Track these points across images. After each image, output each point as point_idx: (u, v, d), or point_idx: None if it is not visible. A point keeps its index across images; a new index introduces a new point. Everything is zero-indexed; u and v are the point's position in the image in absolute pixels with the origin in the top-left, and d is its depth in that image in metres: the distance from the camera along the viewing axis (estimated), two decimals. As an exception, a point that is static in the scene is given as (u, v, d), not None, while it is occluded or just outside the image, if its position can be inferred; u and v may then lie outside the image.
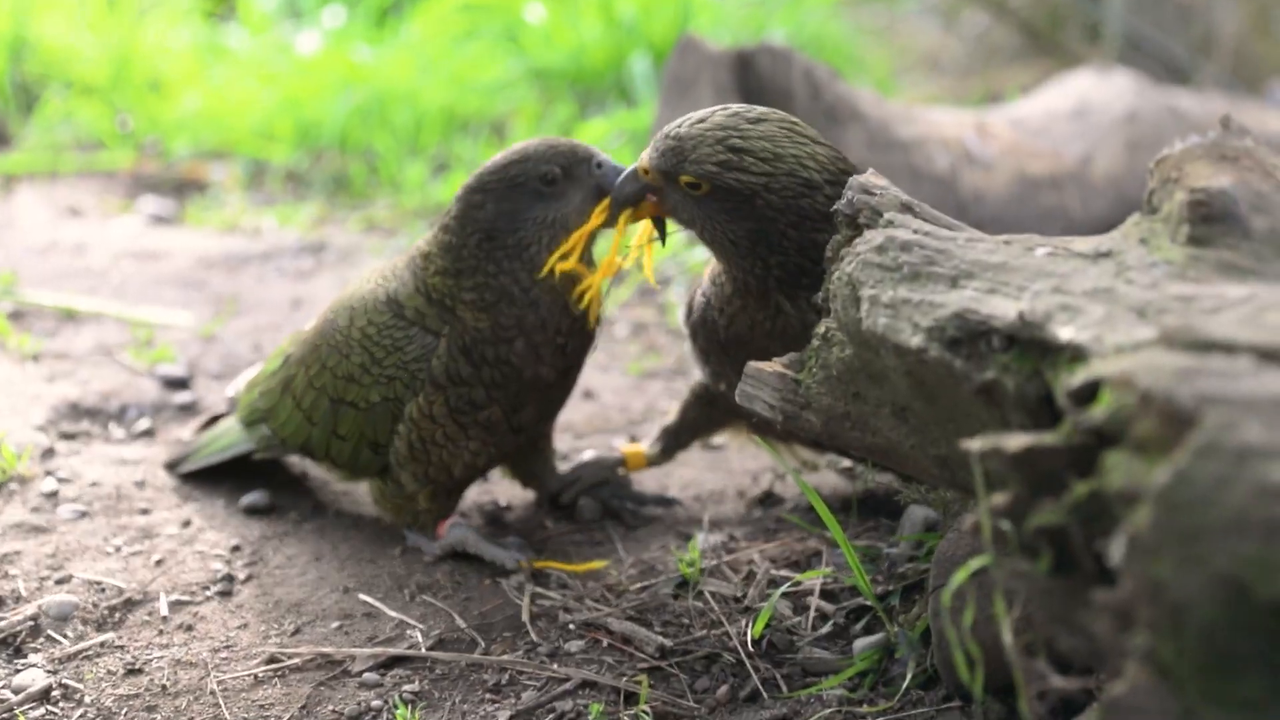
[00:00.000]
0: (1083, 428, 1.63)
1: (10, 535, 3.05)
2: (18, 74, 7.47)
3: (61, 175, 6.66)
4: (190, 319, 4.57)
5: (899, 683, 2.43)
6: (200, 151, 6.88)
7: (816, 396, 2.29)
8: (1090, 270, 1.93)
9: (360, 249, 5.45)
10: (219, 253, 5.43)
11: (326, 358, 2.95)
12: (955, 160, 4.80)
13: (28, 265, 5.12)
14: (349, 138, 6.70)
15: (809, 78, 4.50)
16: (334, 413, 2.95)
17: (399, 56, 7.30)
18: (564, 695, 2.44)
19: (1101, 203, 5.25)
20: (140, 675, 2.57)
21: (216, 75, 7.54)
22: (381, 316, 2.87)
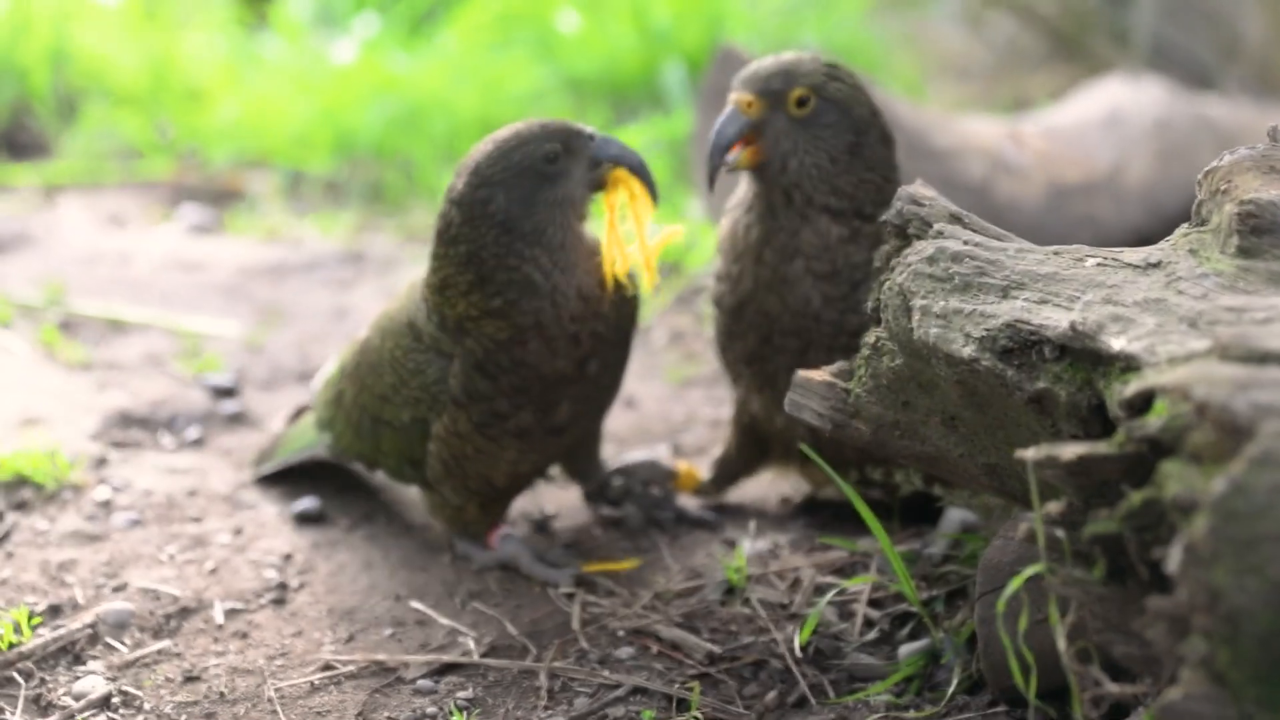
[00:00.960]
0: (1137, 437, 1.65)
1: (66, 543, 3.10)
2: (58, 84, 7.54)
3: (103, 185, 6.73)
4: (236, 328, 4.62)
5: (945, 688, 2.46)
6: (239, 160, 6.93)
7: (865, 405, 2.32)
8: (1141, 281, 1.96)
9: (400, 258, 5.49)
10: (261, 262, 5.48)
11: (365, 376, 3.00)
12: (990, 168, 4.82)
13: (74, 275, 5.18)
14: (385, 147, 6.74)
15: (847, 87, 4.52)
16: (375, 430, 3.00)
17: (433, 66, 7.34)
18: (616, 701, 2.47)
19: (1134, 211, 5.27)
20: (198, 682, 2.61)
21: (253, 84, 7.60)
22: (405, 340, 2.89)
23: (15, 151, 7.24)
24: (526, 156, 2.68)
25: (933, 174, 4.37)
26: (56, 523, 3.19)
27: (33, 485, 3.32)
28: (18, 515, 3.22)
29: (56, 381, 4.05)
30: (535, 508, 3.30)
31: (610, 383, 2.95)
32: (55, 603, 2.87)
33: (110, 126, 7.23)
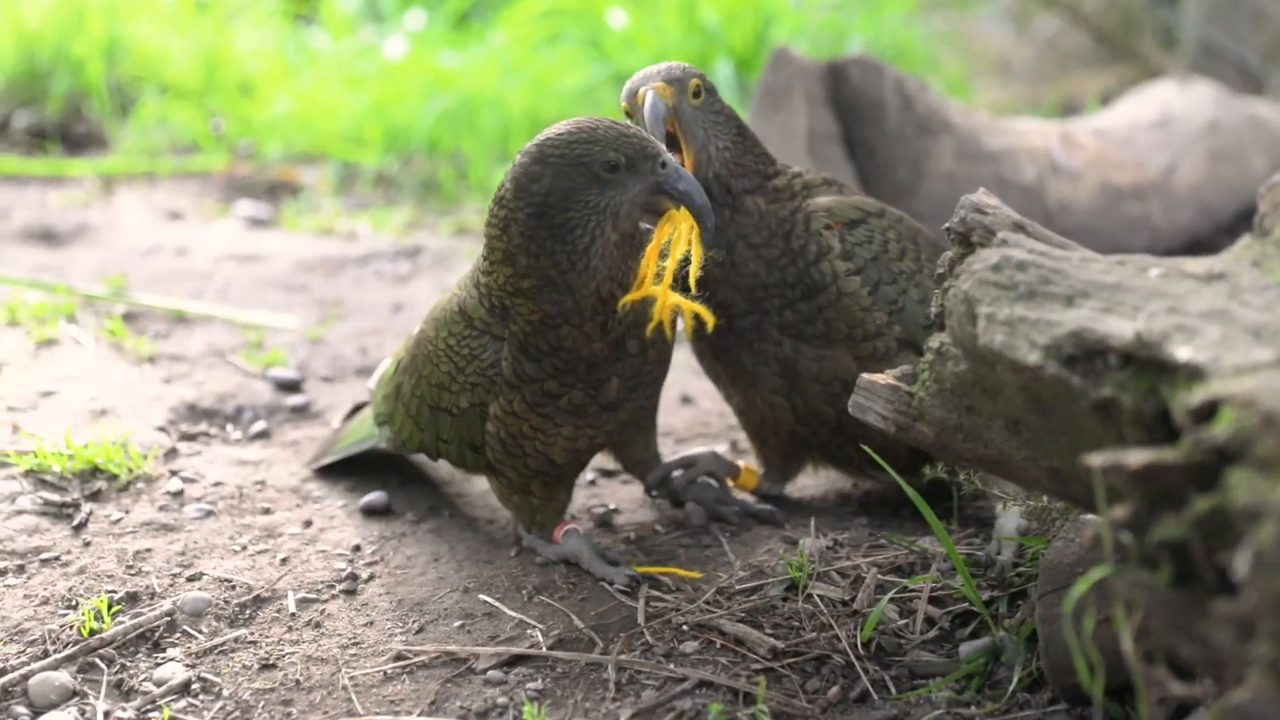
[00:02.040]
0: (1204, 446, 1.70)
1: (141, 533, 3.18)
2: (112, 77, 7.63)
3: (159, 178, 6.82)
4: (296, 322, 4.70)
5: (1005, 685, 2.51)
6: (291, 154, 7.02)
7: (929, 409, 2.37)
8: (1204, 292, 2.01)
9: (455, 253, 5.57)
10: (317, 256, 5.56)
11: (422, 367, 3.07)
12: (1042, 171, 4.87)
13: (134, 267, 5.27)
14: (437, 142, 6.82)
15: (900, 89, 4.58)
16: (435, 419, 3.06)
17: (483, 62, 7.41)
18: (682, 694, 2.53)
19: (1184, 213, 5.31)
20: (274, 670, 2.68)
21: (304, 78, 7.68)
22: (458, 327, 2.95)
23: (71, 143, 7.35)
24: (587, 154, 2.68)
25: (984, 176, 4.43)
26: (130, 513, 3.27)
27: (106, 475, 3.41)
28: (93, 505, 3.30)
29: (123, 373, 4.14)
30: (599, 503, 3.36)
31: (658, 357, 2.98)
32: (133, 591, 2.94)
33: (164, 120, 7.31)
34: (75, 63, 7.58)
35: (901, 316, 3.05)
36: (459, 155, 6.73)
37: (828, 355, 3.08)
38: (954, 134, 4.69)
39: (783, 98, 4.57)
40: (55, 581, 2.97)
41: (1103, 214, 4.97)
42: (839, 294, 3.05)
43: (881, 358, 3.04)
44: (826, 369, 3.08)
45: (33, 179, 6.78)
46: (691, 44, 7.01)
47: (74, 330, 4.45)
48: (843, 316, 3.05)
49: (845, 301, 3.04)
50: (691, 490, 3.26)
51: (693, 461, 3.28)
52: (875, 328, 3.05)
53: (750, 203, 3.08)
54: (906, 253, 3.10)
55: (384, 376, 3.36)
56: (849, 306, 3.04)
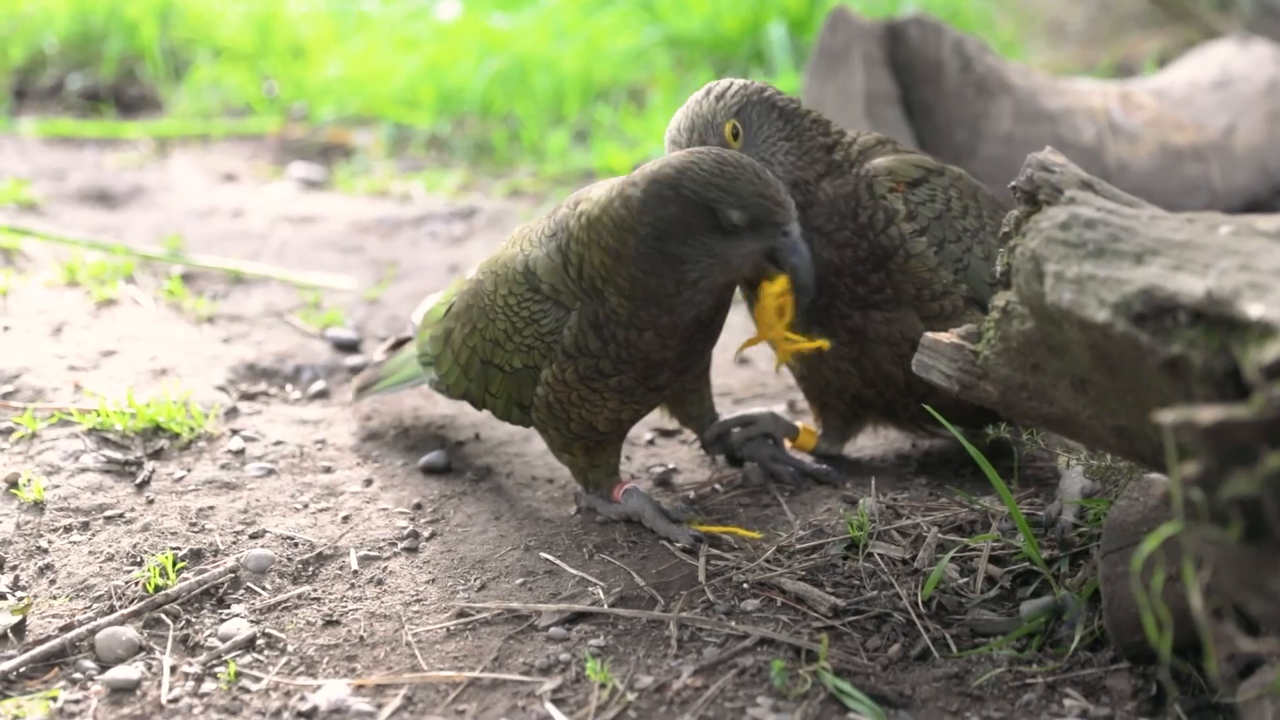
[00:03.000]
0: (1276, 402, 1.69)
1: (204, 491, 3.21)
2: (165, 40, 7.66)
3: (213, 140, 6.85)
4: (353, 283, 4.72)
5: (1067, 644, 2.52)
6: (344, 117, 7.03)
7: (994, 367, 2.37)
8: (1276, 249, 1.99)
9: (509, 214, 5.57)
10: (372, 217, 5.58)
11: (476, 319, 3.07)
12: (1100, 131, 4.83)
13: (190, 228, 5.30)
14: (490, 104, 6.82)
15: (959, 50, 4.55)
16: (484, 372, 3.07)
17: (536, 23, 7.40)
18: (744, 652, 2.54)
19: (1243, 174, 5.27)
20: (338, 626, 2.70)
21: (355, 42, 7.69)
22: (520, 288, 2.95)
23: (125, 106, 7.38)
24: (720, 200, 2.70)
25: (1043, 136, 4.41)
26: (193, 471, 3.30)
27: (168, 434, 3.44)
28: (155, 463, 3.32)
29: (183, 333, 4.16)
30: (658, 463, 3.37)
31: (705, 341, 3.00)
32: (196, 548, 2.97)
33: (217, 82, 7.33)
34: (129, 25, 7.61)
35: (967, 274, 3.04)
36: (512, 117, 6.73)
37: (896, 318, 3.07)
38: (1012, 95, 4.66)
39: (840, 59, 4.55)
40: (120, 539, 3.00)
41: (1161, 174, 4.93)
42: (906, 256, 3.04)
43: (949, 316, 3.03)
44: (895, 331, 3.08)
45: (88, 141, 6.81)
46: (744, 4, 6.98)
47: (133, 290, 4.48)
48: (910, 278, 3.04)
49: (913, 263, 3.03)
50: (748, 448, 3.26)
51: (751, 420, 3.28)
52: (942, 287, 3.04)
53: (821, 192, 3.06)
54: (969, 210, 3.09)
55: (430, 316, 3.37)
56: (916, 267, 3.03)
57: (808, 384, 3.33)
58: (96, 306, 4.31)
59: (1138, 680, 2.41)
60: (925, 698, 2.42)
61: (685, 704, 2.40)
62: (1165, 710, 2.32)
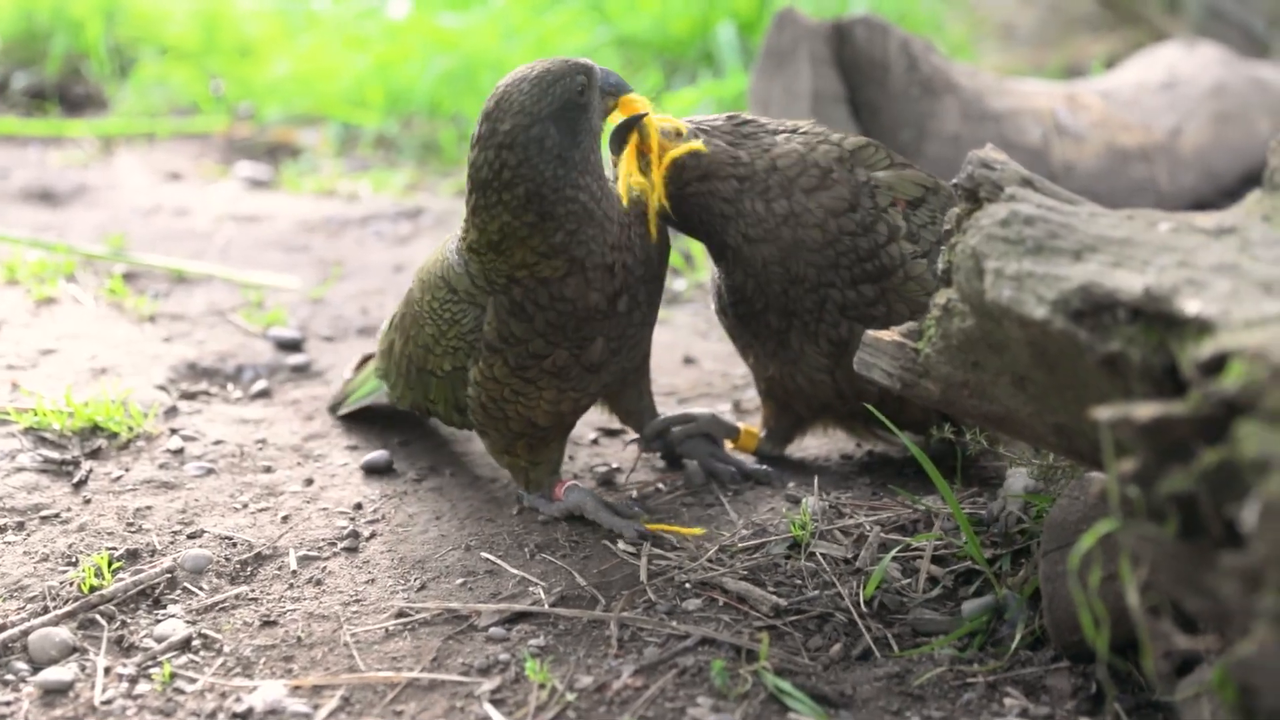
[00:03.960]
0: (1213, 398, 1.69)
1: (141, 491, 3.17)
2: (111, 38, 7.60)
3: (158, 139, 6.80)
4: (297, 282, 4.69)
5: (1008, 643, 2.52)
6: (291, 116, 6.99)
7: (935, 365, 2.36)
8: (1214, 246, 1.99)
9: (456, 214, 5.54)
10: (318, 217, 5.55)
11: (410, 328, 3.09)
12: (1047, 132, 4.85)
13: (134, 227, 5.26)
14: (438, 104, 6.79)
15: (905, 50, 4.55)
16: (422, 380, 3.09)
17: (485, 23, 7.37)
18: (685, 651, 2.52)
19: (1189, 175, 5.29)
20: (275, 627, 2.67)
21: (304, 40, 7.65)
22: (440, 293, 2.95)
23: (70, 104, 7.33)
24: (565, 90, 2.70)
25: (989, 136, 4.42)
26: (131, 470, 3.26)
27: (106, 433, 3.40)
28: (93, 462, 3.29)
29: (124, 332, 4.13)
30: (601, 462, 3.35)
31: (642, 320, 2.97)
32: (133, 548, 2.94)
33: (163, 81, 7.29)
34: (74, 23, 7.56)
35: None
36: (460, 117, 6.70)
37: None
38: (959, 95, 4.66)
39: (787, 59, 4.55)
40: (55, 539, 2.97)
41: (1108, 175, 4.95)
42: (905, 277, 2.99)
43: None
44: None
45: (32, 140, 6.76)
46: (694, 5, 6.97)
47: (74, 289, 4.44)
48: (905, 300, 2.99)
49: (910, 285, 2.99)
50: (686, 445, 3.25)
51: (691, 419, 3.27)
52: None
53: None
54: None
55: (384, 330, 3.37)
56: (914, 291, 2.98)
57: (773, 387, 3.27)
58: (36, 305, 4.27)
59: (1078, 679, 2.41)
60: (866, 697, 2.41)
61: (625, 704, 2.38)
62: (1105, 709, 2.31)
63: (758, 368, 3.27)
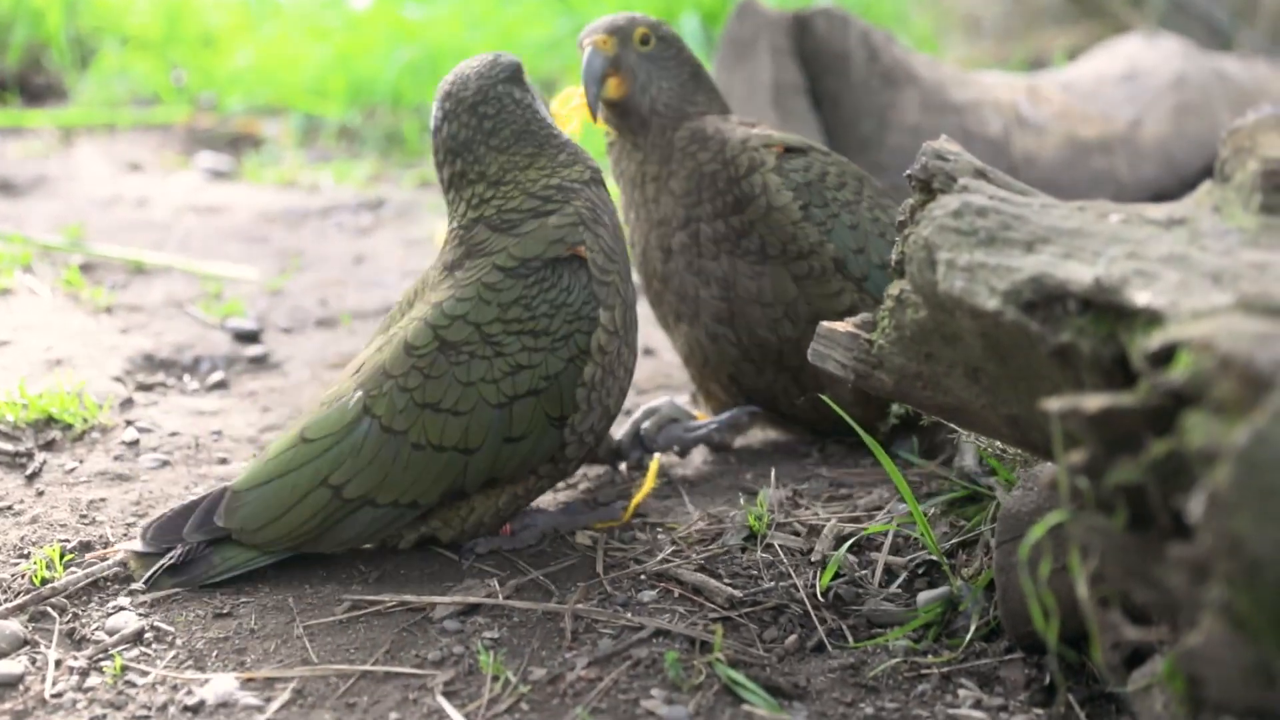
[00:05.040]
0: (1161, 389, 1.69)
1: (95, 483, 3.15)
2: (72, 28, 7.56)
3: (119, 129, 6.76)
4: (256, 273, 4.67)
5: (962, 634, 2.52)
6: (254, 107, 6.97)
7: (889, 357, 2.36)
8: (1164, 237, 1.99)
9: (418, 205, 5.54)
10: (279, 208, 5.53)
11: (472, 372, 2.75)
12: (1008, 123, 4.85)
13: (93, 218, 5.23)
14: (401, 94, 6.78)
15: (866, 41, 4.55)
16: (500, 422, 2.76)
17: (448, 14, 7.36)
18: (639, 643, 2.52)
19: (1150, 166, 5.30)
20: (228, 619, 2.65)
21: (267, 31, 7.63)
22: (509, 287, 2.79)
23: (30, 95, 7.29)
24: (510, 63, 2.92)
25: (950, 128, 4.42)
26: (85, 462, 3.24)
27: (60, 425, 3.38)
28: (46, 454, 3.27)
29: (80, 323, 4.10)
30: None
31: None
32: (86, 540, 2.91)
33: (124, 71, 7.25)
34: (34, 13, 7.51)
35: (831, 236, 3.13)
36: (423, 108, 6.69)
37: (765, 273, 3.16)
38: (919, 86, 4.66)
39: (747, 49, 4.55)
40: (7, 531, 2.94)
41: (1068, 167, 4.96)
42: (768, 207, 3.14)
43: (817, 277, 3.13)
44: (766, 289, 3.16)
45: (-9, 130, 6.73)
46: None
47: (30, 280, 4.41)
48: (774, 232, 3.15)
49: (775, 215, 3.14)
50: (661, 437, 3.25)
51: (654, 410, 3.28)
52: (809, 245, 3.14)
53: (676, 137, 3.25)
54: (846, 185, 3.20)
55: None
56: (779, 220, 3.14)
57: (692, 364, 3.39)
58: (-9, 296, 4.25)
59: (1031, 670, 2.41)
60: (820, 689, 2.41)
61: (579, 696, 2.38)
62: (1057, 700, 2.31)
63: (675, 343, 3.42)
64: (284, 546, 2.75)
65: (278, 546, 2.75)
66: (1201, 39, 6.90)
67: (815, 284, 3.13)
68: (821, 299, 3.11)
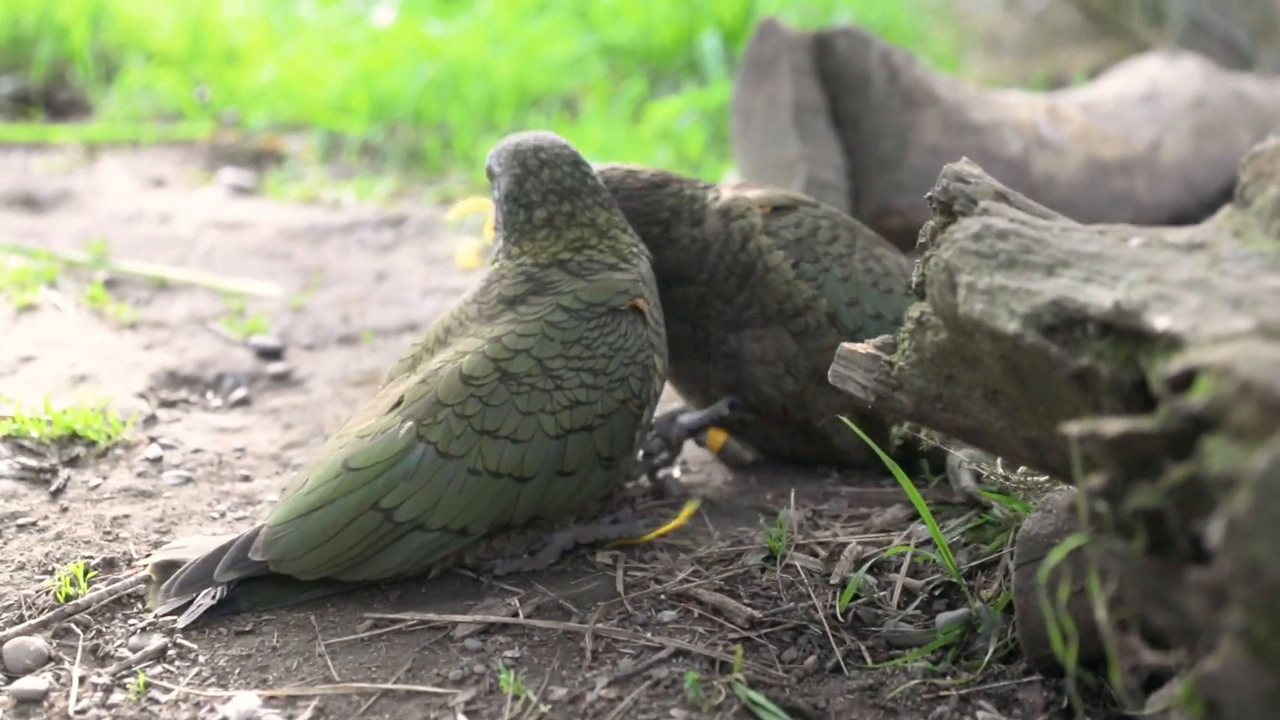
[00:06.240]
0: (1180, 414, 1.69)
1: (119, 499, 3.17)
2: (97, 44, 7.60)
3: (143, 145, 6.80)
4: (278, 290, 4.70)
5: (981, 656, 2.52)
6: (276, 123, 7.00)
7: (909, 379, 2.36)
8: (1184, 261, 2.00)
9: (439, 222, 5.56)
10: (301, 224, 5.55)
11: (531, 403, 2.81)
12: (1028, 144, 4.86)
13: (117, 234, 5.26)
14: (423, 111, 6.80)
15: (886, 61, 4.56)
16: (557, 453, 2.82)
17: (471, 31, 7.39)
18: (659, 663, 2.52)
19: (1169, 187, 5.30)
20: (251, 637, 2.67)
21: (290, 47, 7.66)
22: (571, 327, 2.87)
23: (55, 110, 7.32)
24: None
25: (969, 148, 4.43)
26: (109, 479, 3.26)
27: (85, 441, 3.40)
28: (71, 471, 3.29)
29: (104, 339, 4.13)
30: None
31: None
32: (110, 557, 2.93)
33: (148, 87, 7.29)
34: (60, 29, 7.55)
35: (823, 290, 3.15)
36: (444, 125, 6.71)
37: (766, 334, 3.18)
38: (940, 106, 4.67)
39: (769, 69, 4.56)
40: (32, 547, 2.96)
41: (1088, 187, 4.96)
42: (765, 269, 3.16)
43: (814, 331, 3.16)
44: (768, 348, 3.18)
45: (15, 145, 6.76)
46: (679, 14, 6.99)
47: (55, 296, 4.44)
48: (771, 292, 3.16)
49: (771, 276, 3.16)
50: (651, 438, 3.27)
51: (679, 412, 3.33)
52: (803, 301, 3.16)
53: (678, 234, 3.24)
54: (839, 239, 3.22)
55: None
56: (775, 280, 3.16)
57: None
58: (17, 312, 4.27)
59: (1050, 692, 2.41)
60: (839, 710, 2.41)
61: (599, 715, 2.38)
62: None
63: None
64: (325, 573, 2.73)
65: (318, 574, 2.73)
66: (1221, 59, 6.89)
67: (811, 339, 3.16)
68: (819, 353, 3.13)
